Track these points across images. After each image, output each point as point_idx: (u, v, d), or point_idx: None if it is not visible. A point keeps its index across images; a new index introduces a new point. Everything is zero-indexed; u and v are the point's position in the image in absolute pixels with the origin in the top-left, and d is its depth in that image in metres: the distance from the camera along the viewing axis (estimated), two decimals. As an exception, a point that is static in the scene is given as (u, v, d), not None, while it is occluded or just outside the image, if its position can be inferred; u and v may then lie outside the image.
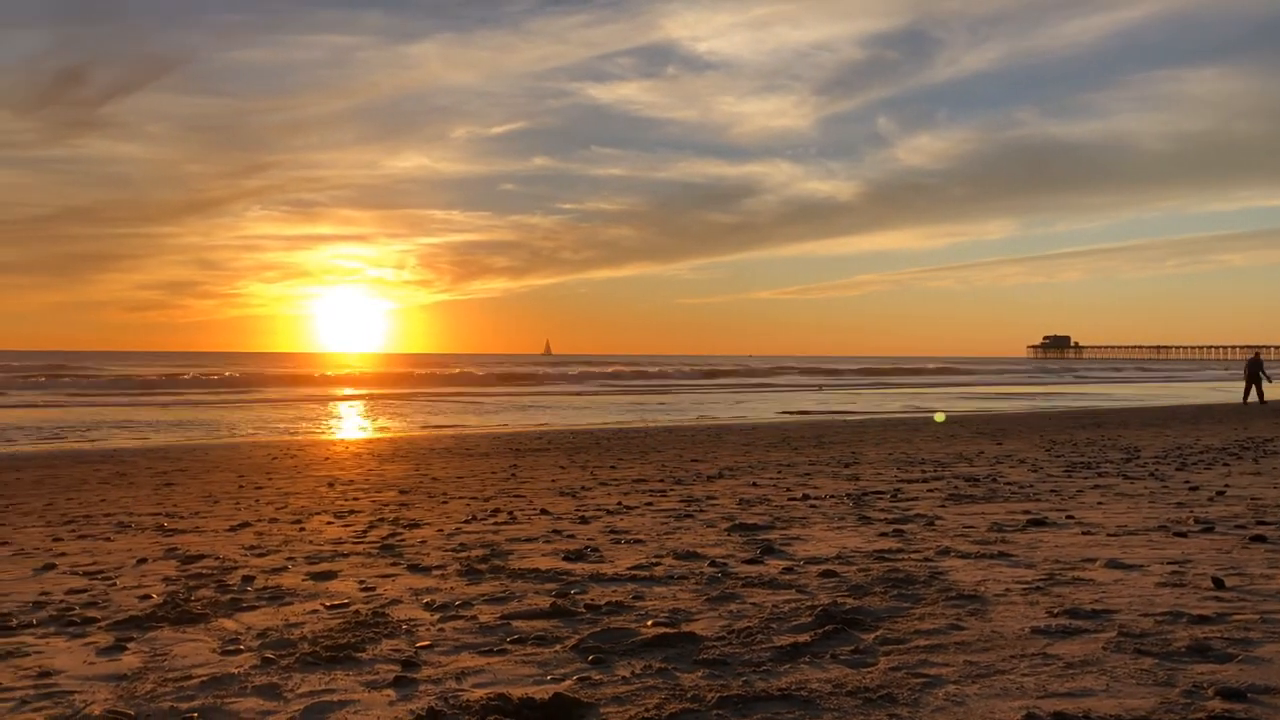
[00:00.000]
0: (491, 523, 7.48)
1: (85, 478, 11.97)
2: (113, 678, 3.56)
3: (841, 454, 13.71)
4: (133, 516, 8.34)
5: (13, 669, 3.70)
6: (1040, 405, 33.99)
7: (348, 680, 3.47)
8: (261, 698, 3.29)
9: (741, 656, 3.64)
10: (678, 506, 8.21)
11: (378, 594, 4.93)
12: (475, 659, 3.71)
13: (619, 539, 6.51)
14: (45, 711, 3.18)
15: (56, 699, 3.32)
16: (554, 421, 25.00)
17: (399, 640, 4.00)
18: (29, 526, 7.86)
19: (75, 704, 3.25)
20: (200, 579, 5.43)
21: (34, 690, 3.43)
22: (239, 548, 6.54)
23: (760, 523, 7.10)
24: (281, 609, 4.65)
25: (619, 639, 3.89)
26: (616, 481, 10.52)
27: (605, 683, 3.36)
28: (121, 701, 3.25)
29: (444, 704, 3.15)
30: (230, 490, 10.37)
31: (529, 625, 4.21)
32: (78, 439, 19.31)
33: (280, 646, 3.92)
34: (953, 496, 8.51)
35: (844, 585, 4.84)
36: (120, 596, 5.02)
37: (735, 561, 5.59)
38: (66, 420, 25.23)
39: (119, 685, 3.46)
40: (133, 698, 3.31)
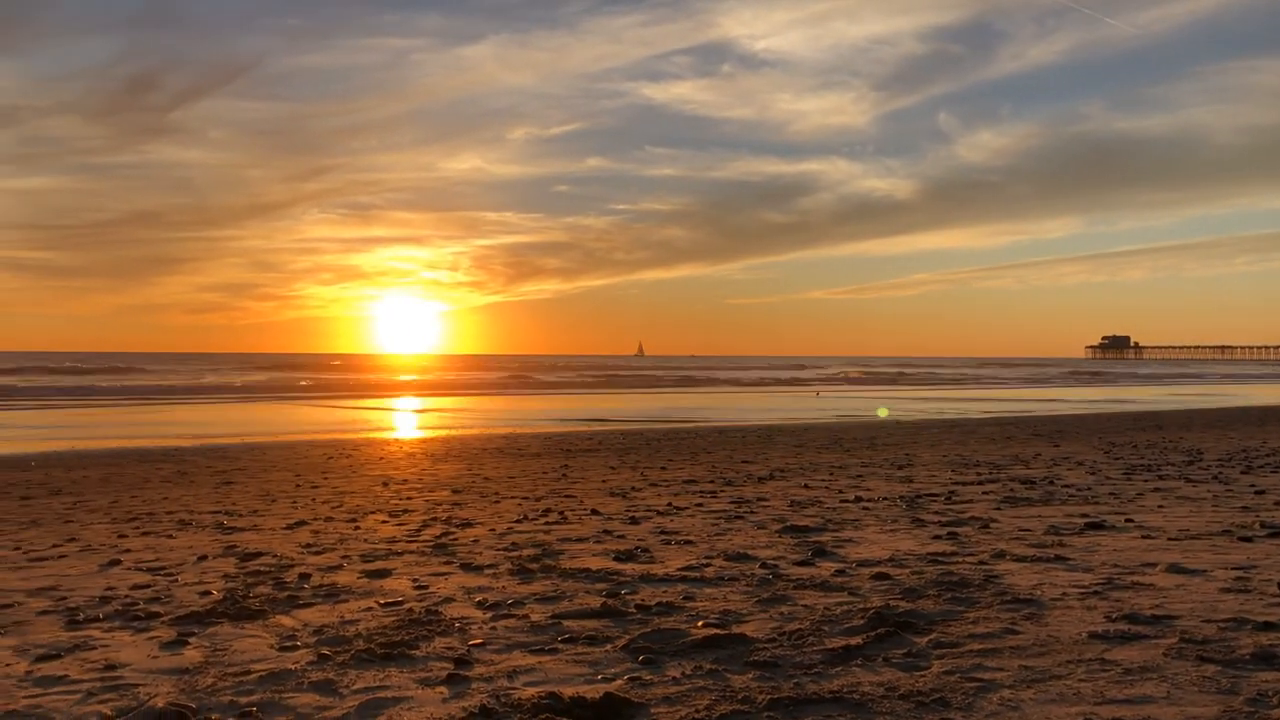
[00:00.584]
0: (543, 522, 7.53)
1: (148, 476, 12.26)
2: (175, 671, 3.65)
3: (895, 456, 13.58)
4: (193, 514, 8.53)
5: (80, 662, 3.81)
6: (1098, 406, 33.34)
7: (401, 677, 3.52)
8: (318, 693, 3.35)
9: (793, 659, 3.63)
10: (728, 508, 8.19)
11: (431, 592, 4.99)
12: (527, 658, 3.74)
13: (669, 540, 6.52)
14: (111, 703, 3.27)
15: (122, 691, 3.41)
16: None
17: (452, 638, 4.04)
18: (95, 523, 8.08)
19: (139, 697, 3.33)
20: (258, 576, 5.54)
21: (100, 683, 3.52)
22: (296, 546, 6.65)
23: (812, 525, 7.05)
24: (337, 606, 4.72)
25: (669, 640, 3.90)
26: (667, 482, 10.53)
27: (656, 683, 3.37)
28: (183, 695, 3.33)
29: (496, 702, 3.18)
30: (287, 489, 10.56)
31: (580, 625, 4.23)
32: (139, 437, 19.78)
33: (336, 643, 3.99)
34: (1008, 499, 8.38)
35: (897, 588, 4.80)
36: (182, 592, 5.14)
37: (786, 563, 5.57)
38: (128, 421, 25.86)
39: (181, 679, 3.54)
40: (194, 691, 3.38)
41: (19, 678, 3.61)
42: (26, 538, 7.31)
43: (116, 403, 35.17)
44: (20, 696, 3.37)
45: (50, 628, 4.41)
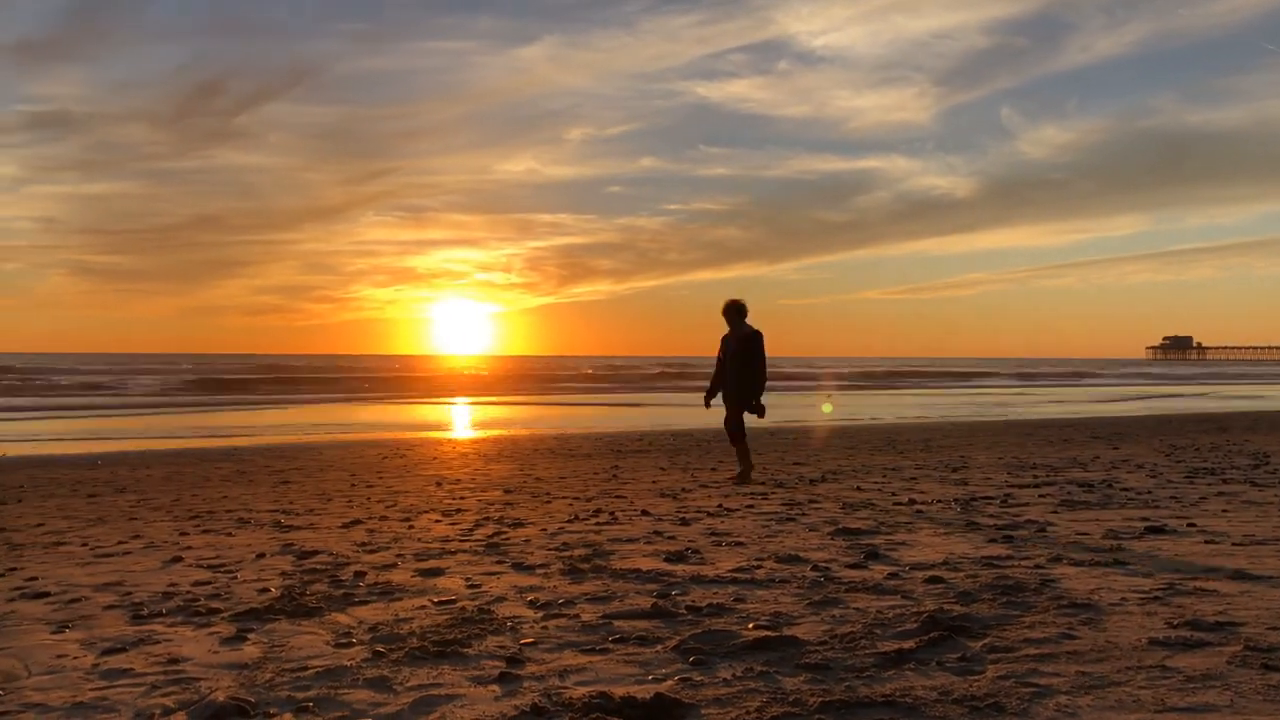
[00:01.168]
0: (593, 523, 7.56)
1: (208, 475, 12.52)
2: (234, 666, 3.73)
3: (949, 458, 13.41)
4: (252, 513, 8.69)
5: (144, 656, 3.91)
6: (1159, 408, 32.61)
7: (454, 675, 3.56)
8: (373, 690, 3.40)
9: (844, 661, 3.61)
10: (779, 510, 8.15)
11: (483, 591, 5.04)
12: (578, 657, 3.76)
13: (720, 541, 6.51)
14: (174, 696, 3.35)
15: (184, 685, 3.49)
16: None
17: (504, 637, 4.08)
18: (158, 521, 8.27)
19: (201, 690, 3.41)
20: (315, 574, 5.64)
21: (164, 676, 3.61)
22: (351, 544, 6.75)
23: (864, 527, 7.00)
24: (391, 604, 4.79)
25: (720, 641, 3.90)
26: (717, 484, 10.51)
27: (706, 684, 3.37)
28: (243, 689, 3.40)
29: (547, 700, 3.20)
30: (343, 488, 10.72)
31: (630, 625, 4.24)
32: (200, 437, 20.22)
33: (390, 641, 4.04)
34: (1065, 502, 8.24)
35: (951, 592, 4.74)
36: (241, 589, 5.24)
37: (838, 566, 5.53)
38: (194, 424, 26.42)
39: (240, 674, 3.62)
40: (253, 686, 3.45)
41: (86, 670, 3.71)
42: (93, 534, 7.51)
43: (176, 403, 35.97)
44: (87, 689, 3.47)
45: (116, 622, 4.53)
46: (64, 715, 3.18)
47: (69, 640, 4.20)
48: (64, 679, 3.60)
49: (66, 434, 21.69)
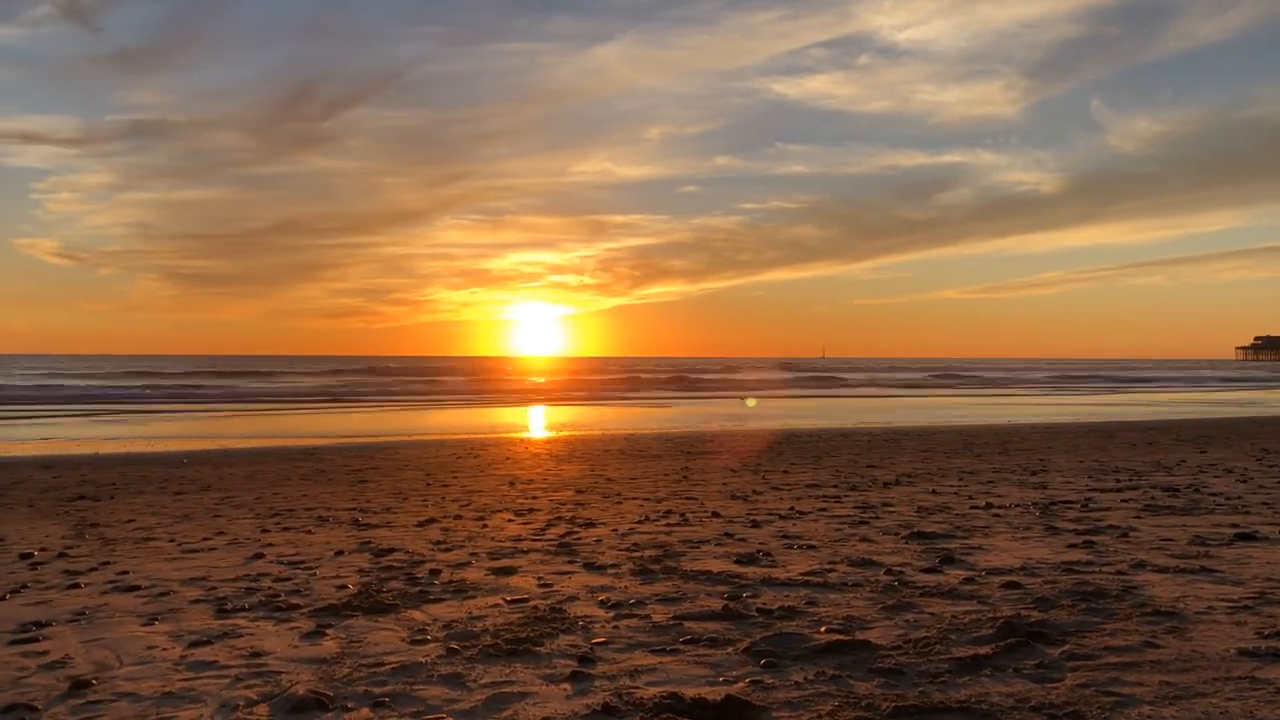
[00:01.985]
0: (664, 524, 7.57)
1: (288, 474, 12.83)
2: (314, 661, 3.82)
3: (1028, 461, 13.13)
4: (330, 511, 8.89)
5: (229, 648, 4.03)
6: (1250, 410, 31.48)
7: (527, 673, 3.60)
8: (447, 686, 3.46)
9: (918, 667, 3.56)
10: (852, 513, 8.07)
11: (555, 590, 5.08)
12: (648, 657, 3.77)
13: (791, 544, 6.47)
14: (256, 688, 3.44)
15: (266, 678, 3.58)
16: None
17: (575, 636, 4.11)
18: (241, 518, 8.50)
19: (282, 683, 3.50)
20: (391, 571, 5.74)
21: (246, 668, 3.72)
22: (426, 543, 6.86)
23: (939, 531, 6.89)
24: (465, 602, 4.86)
25: (791, 644, 3.87)
26: (789, 486, 10.44)
27: (778, 687, 3.35)
28: (321, 683, 3.48)
29: (618, 700, 3.22)
30: (418, 488, 10.89)
31: (701, 626, 4.24)
32: (280, 437, 20.74)
33: (464, 638, 4.10)
34: (1149, 507, 8.00)
35: (1028, 597, 4.64)
36: (320, 585, 5.36)
37: (912, 570, 5.45)
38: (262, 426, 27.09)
39: (319, 668, 3.71)
40: (331, 680, 3.53)
41: (174, 661, 3.84)
42: (180, 531, 7.76)
43: (259, 404, 36.95)
44: (175, 679, 3.59)
45: (201, 615, 4.67)
46: (153, 705, 3.29)
47: (158, 632, 4.34)
48: (153, 669, 3.73)
49: (155, 433, 22.44)
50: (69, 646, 4.11)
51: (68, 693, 3.43)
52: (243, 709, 3.22)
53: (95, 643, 4.17)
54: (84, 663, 3.84)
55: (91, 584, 5.54)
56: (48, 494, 10.67)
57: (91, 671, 3.70)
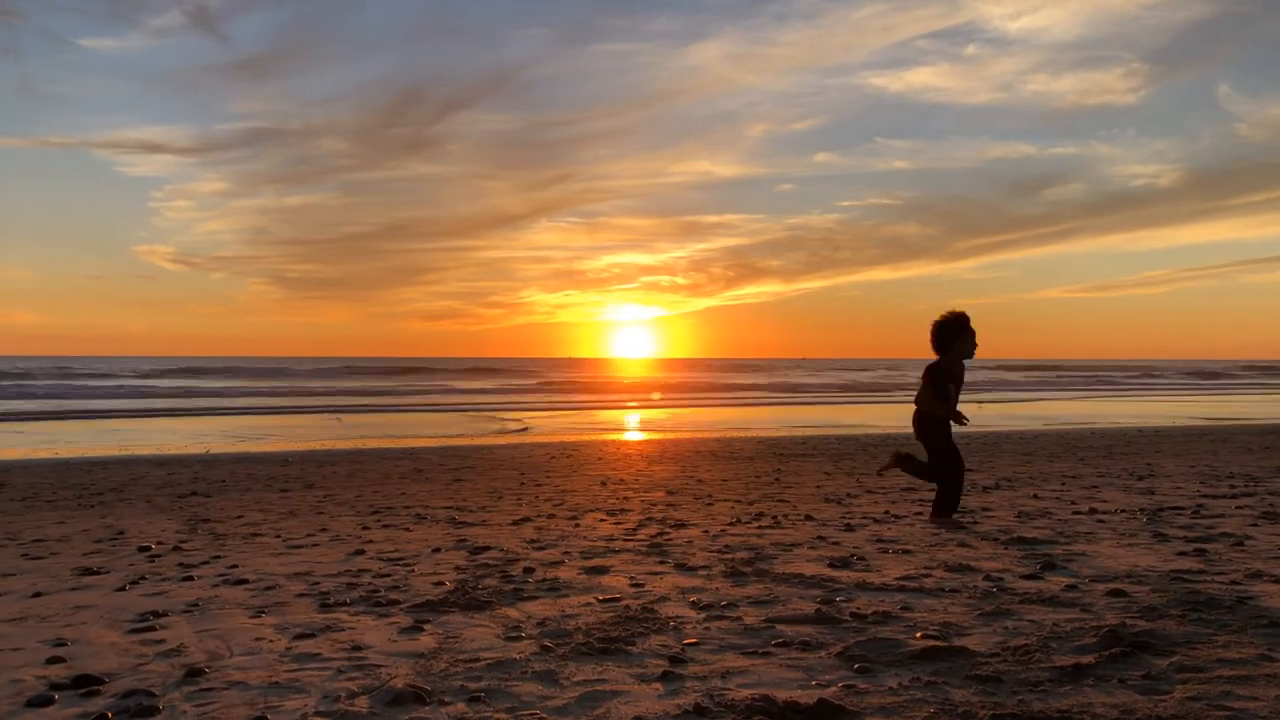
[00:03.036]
0: (755, 526, 7.54)
1: (388, 473, 13.17)
2: (412, 655, 3.91)
3: (1134, 465, 12.68)
4: (428, 509, 9.09)
5: (331, 642, 4.15)
6: (1379, 414, 29.80)
7: (619, 672, 3.62)
8: (540, 683, 3.51)
9: (1017, 675, 3.47)
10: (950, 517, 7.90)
11: (647, 590, 5.11)
12: (740, 660, 3.77)
13: (886, 548, 6.37)
14: (357, 681, 3.55)
15: (366, 671, 3.69)
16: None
17: (667, 636, 4.12)
18: (343, 516, 8.76)
19: (381, 677, 3.59)
20: (486, 569, 5.85)
21: (348, 661, 3.83)
22: (520, 541, 6.97)
23: (1040, 537, 6.71)
24: (558, 600, 4.92)
25: (886, 649, 3.82)
26: (884, 489, 10.28)
27: (871, 692, 3.31)
28: (419, 678, 3.57)
29: (710, 701, 3.22)
30: (513, 486, 11.06)
31: (793, 630, 4.22)
32: (379, 437, 21.28)
33: (557, 636, 4.15)
34: (1267, 514, 7.65)
35: (1134, 606, 4.49)
36: (418, 582, 5.49)
37: (1012, 576, 5.32)
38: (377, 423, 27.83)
39: (417, 663, 3.80)
40: (428, 675, 3.62)
41: (280, 653, 3.98)
42: (285, 527, 8.03)
43: (356, 405, 37.97)
44: (281, 670, 3.72)
45: (305, 609, 4.83)
46: (261, 694, 3.42)
47: (265, 624, 4.51)
48: (261, 660, 3.87)
49: (261, 432, 23.25)
50: (183, 636, 4.29)
51: (182, 680, 3.59)
52: (344, 700, 3.32)
53: (207, 633, 4.34)
54: (197, 651, 4.01)
55: (203, 577, 5.78)
56: (163, 490, 11.16)
57: (204, 660, 3.86)
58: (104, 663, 3.86)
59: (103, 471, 13.62)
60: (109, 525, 8.33)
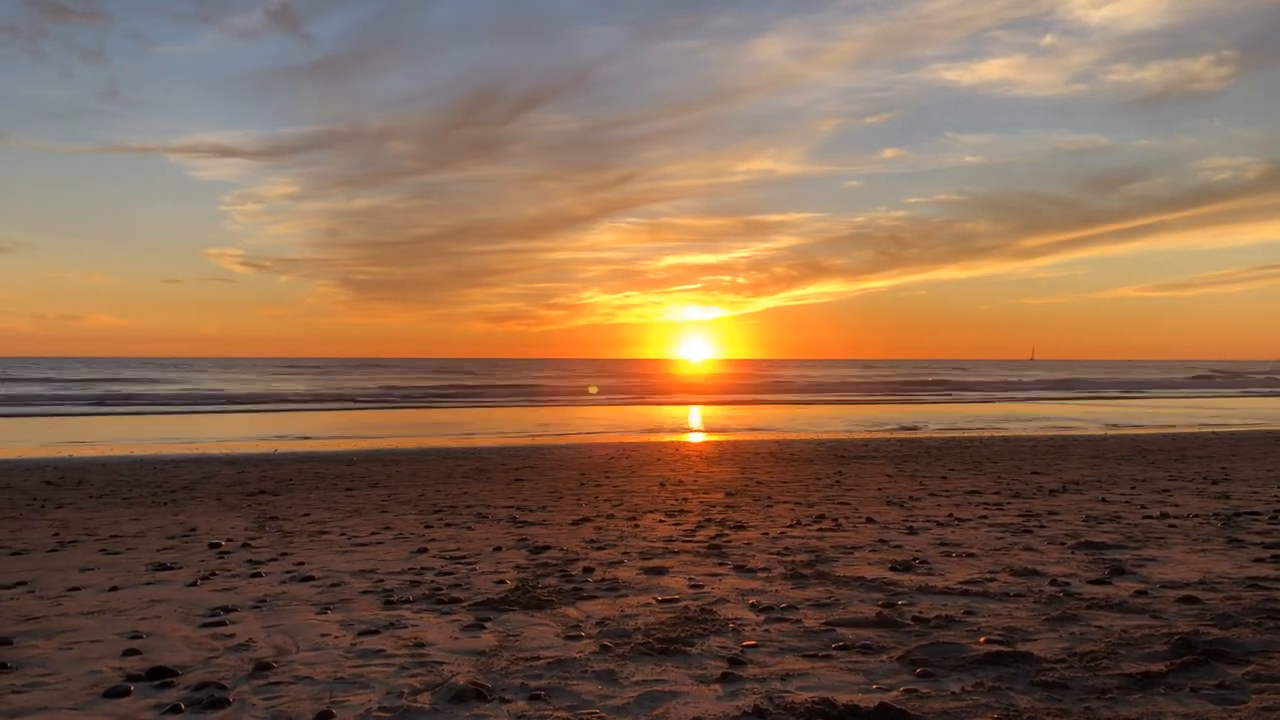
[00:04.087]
0: (816, 529, 7.48)
1: (450, 472, 13.32)
2: (473, 653, 3.96)
3: (1208, 469, 12.33)
4: (489, 508, 9.18)
5: (394, 638, 4.22)
6: None
7: (678, 672, 3.63)
8: (600, 682, 3.52)
9: (1084, 681, 3.40)
10: (1015, 521, 7.77)
11: (706, 592, 5.10)
12: (800, 662, 3.75)
13: (949, 552, 6.28)
14: (420, 678, 3.60)
15: (429, 668, 3.74)
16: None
17: (726, 638, 4.11)
18: (406, 514, 8.89)
19: (444, 674, 3.64)
20: (546, 568, 5.89)
21: (411, 658, 3.89)
22: (580, 541, 7.00)
23: (1109, 541, 6.56)
24: (618, 600, 4.93)
25: (948, 653, 3.77)
26: (948, 493, 10.14)
27: (933, 696, 3.27)
28: (480, 675, 3.61)
29: (769, 703, 3.21)
30: (572, 487, 11.12)
31: (854, 633, 4.18)
32: (441, 436, 21.54)
33: (616, 636, 4.17)
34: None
35: (1208, 613, 4.37)
36: (479, 580, 5.55)
37: (1079, 581, 5.22)
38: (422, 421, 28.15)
39: (479, 660, 3.84)
40: (489, 672, 3.66)
41: (345, 649, 4.05)
42: (350, 525, 8.17)
43: (422, 404, 38.47)
44: (347, 666, 3.79)
45: (370, 606, 4.91)
46: (327, 688, 3.49)
47: (330, 621, 4.59)
48: (327, 655, 3.95)
49: (325, 432, 23.68)
50: (252, 631, 4.40)
51: (251, 673, 3.68)
52: (407, 696, 3.37)
53: (275, 628, 4.44)
54: (265, 646, 4.10)
55: (271, 573, 5.91)
56: (233, 488, 11.42)
57: (272, 655, 3.95)
58: (177, 655, 3.97)
59: (175, 470, 13.99)
60: (181, 522, 8.56)
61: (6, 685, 3.58)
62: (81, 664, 3.88)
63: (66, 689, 3.53)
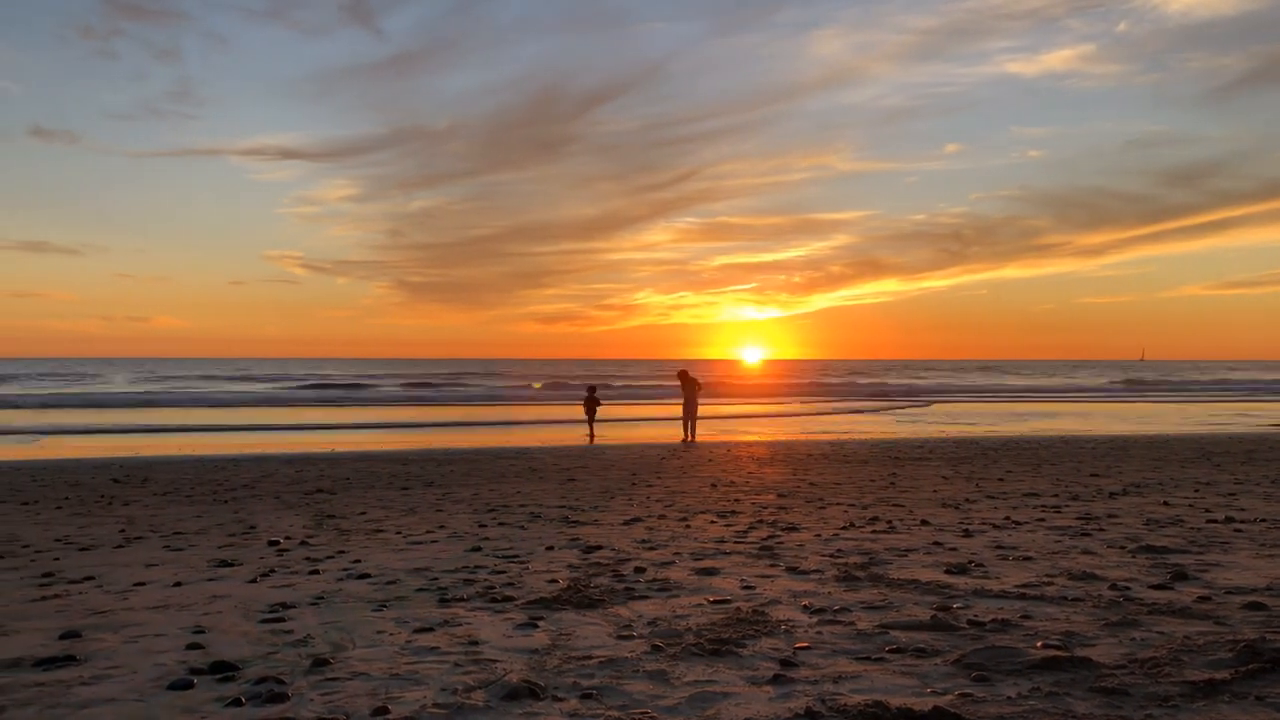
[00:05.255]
0: (869, 530, 7.42)
1: (503, 471, 13.43)
2: (526, 651, 3.99)
3: (1277, 472, 12.00)
4: (542, 508, 9.24)
5: (449, 636, 4.27)
6: None
7: (729, 674, 3.62)
8: (651, 682, 3.53)
9: (1145, 688, 3.34)
10: (1073, 524, 7.64)
11: (757, 593, 5.09)
12: (852, 665, 3.72)
13: (1006, 555, 6.20)
14: (474, 675, 3.64)
15: (482, 665, 3.78)
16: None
17: (778, 639, 4.10)
18: (460, 513, 8.98)
19: (497, 671, 3.68)
20: (598, 568, 5.92)
21: (465, 656, 3.93)
22: (631, 541, 7.02)
23: (1171, 545, 6.42)
24: (669, 601, 4.94)
25: (1004, 658, 3.72)
26: (1004, 495, 9.99)
27: (989, 701, 3.23)
28: (533, 673, 3.64)
29: (822, 705, 3.19)
30: (624, 487, 11.15)
31: (908, 636, 4.14)
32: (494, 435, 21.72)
33: (668, 636, 4.17)
34: None
35: (1275, 620, 4.26)
36: (532, 579, 5.60)
37: (1140, 586, 5.11)
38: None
39: (531, 658, 3.87)
40: (542, 670, 3.68)
41: (400, 646, 4.11)
42: (406, 523, 8.28)
43: (467, 404, 38.80)
44: (402, 662, 3.84)
45: (425, 604, 4.98)
46: (383, 685, 3.54)
47: (386, 618, 4.66)
48: (382, 652, 4.01)
49: (380, 431, 24.01)
50: (310, 627, 4.48)
51: (309, 669, 3.74)
52: (461, 694, 3.41)
53: (332, 625, 4.52)
54: (323, 642, 4.17)
55: (328, 571, 6.01)
56: (292, 487, 11.63)
57: (329, 651, 4.02)
58: (238, 650, 4.06)
59: (236, 468, 14.28)
60: (241, 520, 8.74)
61: (75, 677, 3.69)
62: (147, 657, 3.98)
63: (132, 681, 3.62)
